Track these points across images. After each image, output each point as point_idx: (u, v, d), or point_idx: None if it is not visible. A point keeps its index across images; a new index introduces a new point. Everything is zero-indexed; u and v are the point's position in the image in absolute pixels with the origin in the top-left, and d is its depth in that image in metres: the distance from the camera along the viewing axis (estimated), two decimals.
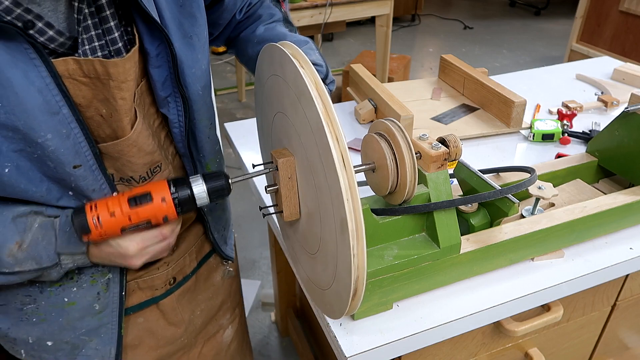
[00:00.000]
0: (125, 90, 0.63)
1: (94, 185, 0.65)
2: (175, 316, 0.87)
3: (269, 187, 0.69)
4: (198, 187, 0.66)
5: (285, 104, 0.62)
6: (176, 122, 0.72)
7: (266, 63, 0.66)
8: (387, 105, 1.17)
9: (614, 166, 0.96)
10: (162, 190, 0.65)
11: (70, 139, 0.60)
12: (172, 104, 0.70)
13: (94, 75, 0.60)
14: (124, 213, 0.63)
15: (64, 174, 0.62)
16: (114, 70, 0.61)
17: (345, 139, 0.54)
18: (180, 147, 0.76)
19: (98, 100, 0.62)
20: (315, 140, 0.55)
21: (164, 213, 0.65)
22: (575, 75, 1.54)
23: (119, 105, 0.63)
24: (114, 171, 0.69)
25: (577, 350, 1.03)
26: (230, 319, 1.02)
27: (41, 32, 0.56)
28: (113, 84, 0.61)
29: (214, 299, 0.96)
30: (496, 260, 0.79)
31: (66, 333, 0.75)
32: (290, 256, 0.83)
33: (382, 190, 0.69)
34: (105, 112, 0.63)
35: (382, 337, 0.70)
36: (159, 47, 0.65)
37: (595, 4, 3.05)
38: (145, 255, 0.69)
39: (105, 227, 0.62)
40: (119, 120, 0.64)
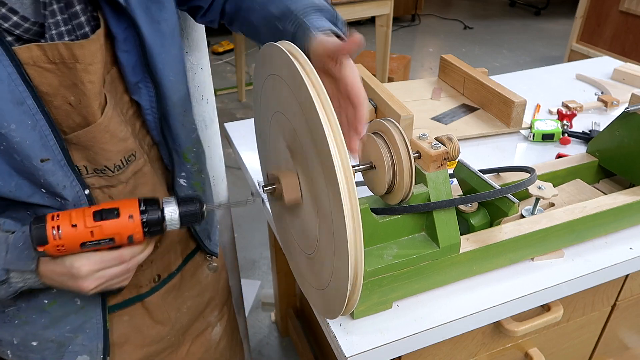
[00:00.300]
0: (92, 73, 0.61)
1: (65, 182, 0.63)
2: (161, 314, 0.87)
3: (266, 187, 0.68)
4: (170, 209, 0.63)
5: (283, 104, 0.62)
6: (148, 108, 0.71)
7: (265, 62, 0.66)
8: (387, 105, 1.17)
9: (614, 166, 0.96)
10: (131, 207, 0.62)
11: (36, 131, 0.58)
12: (143, 90, 0.69)
13: (59, 60, 0.59)
14: (86, 226, 0.59)
15: (31, 168, 0.60)
16: (80, 53, 0.59)
17: None
18: (155, 134, 0.74)
19: (65, 87, 0.61)
20: (314, 140, 0.55)
21: (130, 232, 0.61)
22: (575, 75, 1.54)
23: (87, 89, 0.61)
24: (87, 162, 0.67)
25: (577, 350, 1.03)
26: (218, 316, 1.01)
27: (5, 18, 0.55)
28: (80, 66, 0.60)
29: (200, 296, 0.95)
30: (496, 260, 0.79)
31: (50, 332, 0.74)
32: (287, 255, 0.83)
33: (379, 189, 0.69)
34: (73, 99, 0.61)
35: (382, 337, 0.70)
36: (126, 30, 0.64)
37: (595, 4, 3.05)
38: (98, 278, 0.64)
39: (64, 239, 0.59)
40: (88, 106, 0.63)
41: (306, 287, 0.75)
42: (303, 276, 0.75)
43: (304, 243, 0.69)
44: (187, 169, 0.83)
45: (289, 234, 0.77)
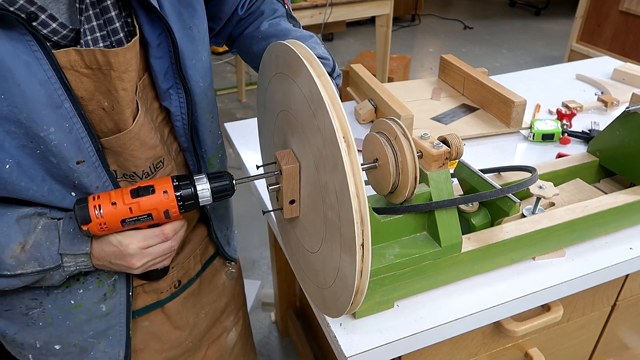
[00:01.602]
0: (126, 81, 0.62)
1: (98, 183, 0.65)
2: (180, 319, 0.87)
3: (271, 187, 0.68)
4: (202, 186, 0.65)
5: (289, 101, 0.62)
6: (178, 114, 0.72)
7: (271, 61, 0.66)
8: (387, 105, 1.17)
9: (615, 166, 0.96)
10: (165, 184, 0.65)
11: (73, 134, 0.60)
12: (174, 96, 0.70)
13: (95, 66, 0.60)
14: (125, 203, 0.63)
15: (67, 170, 0.61)
16: (115, 60, 0.60)
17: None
18: (183, 141, 0.75)
19: (100, 93, 0.62)
20: (323, 138, 0.55)
21: (166, 207, 0.64)
22: (575, 75, 1.54)
23: (121, 96, 0.63)
24: (117, 167, 0.69)
25: (577, 350, 1.03)
26: (234, 321, 1.02)
27: (44, 24, 0.56)
28: (114, 74, 0.61)
29: (218, 301, 0.96)
30: (497, 259, 0.79)
31: (74, 336, 0.75)
32: (288, 255, 0.83)
33: (383, 189, 0.69)
34: (107, 104, 0.63)
35: (382, 337, 0.70)
36: (160, 36, 0.65)
37: (595, 4, 3.05)
38: (146, 256, 0.68)
39: (106, 217, 0.62)
40: (120, 113, 0.64)
41: (307, 285, 0.75)
42: (305, 274, 0.75)
43: (307, 241, 0.69)
44: None
45: (291, 232, 0.77)
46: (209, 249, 0.92)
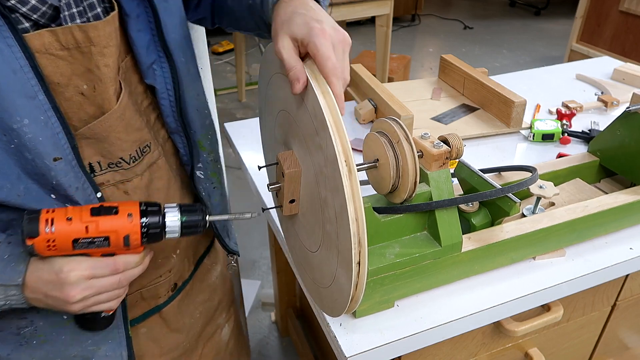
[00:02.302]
0: (108, 56, 0.59)
1: (77, 183, 0.60)
2: (177, 322, 0.86)
3: (271, 186, 0.68)
4: (172, 216, 0.60)
5: (289, 102, 0.62)
6: (164, 91, 0.69)
7: (271, 60, 0.66)
8: (387, 105, 1.17)
9: (615, 166, 0.96)
10: (131, 207, 0.59)
11: (49, 128, 0.55)
12: (158, 72, 0.67)
13: (72, 46, 0.56)
14: (82, 221, 0.56)
15: (43, 167, 0.57)
16: (95, 34, 0.57)
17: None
18: (171, 121, 0.72)
19: (77, 76, 0.58)
20: (319, 138, 0.55)
21: (127, 231, 0.58)
22: (575, 75, 1.54)
23: (103, 73, 0.59)
24: (101, 157, 0.64)
25: (577, 350, 1.03)
26: (226, 318, 1.02)
27: (23, 2, 0.53)
28: (95, 49, 0.57)
29: (210, 300, 0.95)
30: (497, 259, 0.79)
31: (72, 348, 0.71)
32: (288, 249, 0.83)
33: (383, 188, 0.69)
34: (86, 87, 0.59)
35: (382, 337, 0.70)
36: (139, 7, 0.63)
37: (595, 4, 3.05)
38: (88, 288, 0.59)
39: (56, 233, 0.55)
40: (104, 92, 0.60)
41: (307, 284, 0.75)
42: (305, 273, 0.75)
43: (307, 240, 0.69)
44: (204, 159, 0.81)
45: (292, 231, 0.77)
46: (199, 248, 0.91)
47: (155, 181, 0.72)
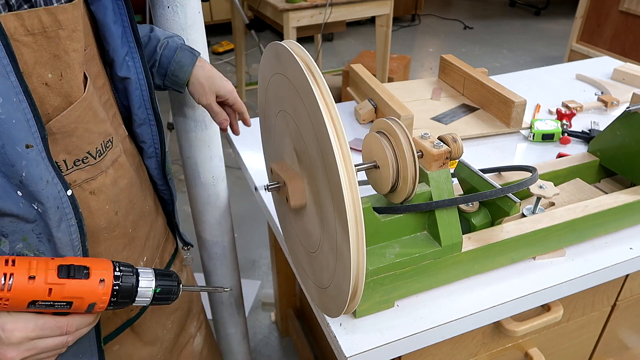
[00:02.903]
0: (76, 41, 0.57)
1: (47, 175, 0.54)
2: (150, 334, 0.84)
3: (270, 186, 0.68)
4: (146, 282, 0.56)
5: (288, 103, 0.62)
6: (136, 82, 0.69)
7: (271, 60, 0.66)
8: (387, 105, 1.17)
9: (615, 166, 0.96)
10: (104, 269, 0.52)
11: (21, 112, 0.51)
12: (130, 63, 0.68)
13: (38, 31, 0.53)
14: (47, 282, 0.49)
15: (14, 155, 0.51)
16: (64, 17, 0.54)
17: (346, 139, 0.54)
18: (142, 112, 0.72)
19: (41, 64, 0.54)
20: (317, 139, 0.55)
21: (95, 299, 0.52)
22: (575, 75, 1.54)
23: (72, 59, 0.56)
24: (67, 155, 0.60)
25: (577, 350, 1.03)
26: (197, 326, 1.01)
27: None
28: (63, 33, 0.55)
29: (180, 309, 0.93)
30: (497, 259, 0.79)
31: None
32: (289, 253, 0.83)
33: (383, 188, 0.69)
34: (52, 76, 0.55)
35: (382, 337, 0.70)
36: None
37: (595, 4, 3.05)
38: (30, 349, 0.53)
39: (13, 292, 0.48)
40: (72, 79, 0.57)
41: (307, 284, 0.75)
42: (304, 273, 0.75)
43: (306, 241, 0.69)
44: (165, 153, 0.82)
45: (291, 231, 0.77)
46: (164, 256, 0.89)
47: (118, 180, 0.69)
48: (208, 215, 1.13)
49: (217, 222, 1.15)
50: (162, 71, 0.85)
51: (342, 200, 0.52)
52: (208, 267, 1.21)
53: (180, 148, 1.07)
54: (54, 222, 0.56)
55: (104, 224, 0.67)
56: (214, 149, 1.07)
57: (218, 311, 1.28)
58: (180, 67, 0.84)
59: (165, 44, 0.84)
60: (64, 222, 0.57)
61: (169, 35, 0.86)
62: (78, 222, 0.59)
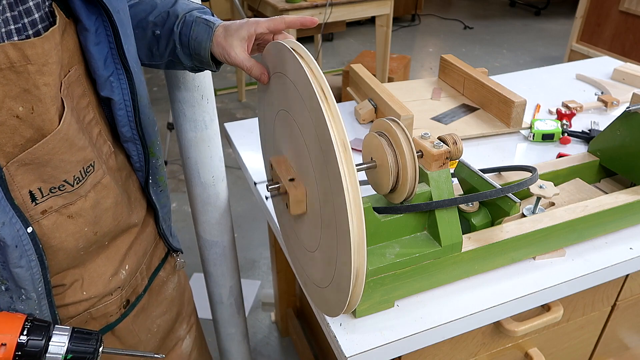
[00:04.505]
0: (47, 75, 0.56)
1: (3, 217, 0.55)
2: (132, 339, 0.83)
3: (270, 186, 0.68)
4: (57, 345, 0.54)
5: (288, 102, 0.62)
6: (121, 102, 0.67)
7: (270, 60, 0.66)
8: (387, 105, 1.17)
9: (615, 166, 0.96)
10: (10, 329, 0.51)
11: None
12: (115, 83, 0.66)
13: (5, 66, 0.52)
14: None
15: None
16: (32, 52, 0.53)
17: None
18: (127, 130, 0.70)
19: (11, 98, 0.54)
20: (318, 138, 0.55)
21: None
22: (575, 75, 1.54)
23: (43, 93, 0.56)
24: (42, 183, 0.60)
25: (577, 350, 1.03)
26: (187, 329, 0.99)
27: None
28: (32, 68, 0.54)
29: (168, 312, 0.92)
30: (497, 259, 0.79)
31: None
32: (288, 253, 0.83)
33: (382, 188, 0.69)
34: (22, 109, 0.54)
35: (382, 337, 0.70)
36: (97, 21, 0.61)
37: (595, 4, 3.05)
38: None
39: None
40: (44, 112, 0.56)
41: (307, 284, 0.75)
42: (304, 272, 0.75)
43: (306, 240, 0.69)
44: (153, 164, 0.80)
45: (291, 230, 0.77)
46: (153, 261, 0.87)
47: (101, 201, 0.69)
48: (208, 215, 1.13)
49: (217, 222, 1.15)
50: (186, 51, 0.77)
51: (343, 199, 0.52)
52: (208, 267, 1.21)
53: (180, 148, 1.07)
54: (13, 257, 0.56)
55: (82, 245, 0.67)
56: (214, 149, 1.07)
57: (218, 311, 1.28)
58: (199, 44, 0.74)
59: (183, 20, 0.75)
60: (24, 258, 0.58)
61: (190, 8, 0.77)
62: (39, 257, 0.59)
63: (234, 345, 1.35)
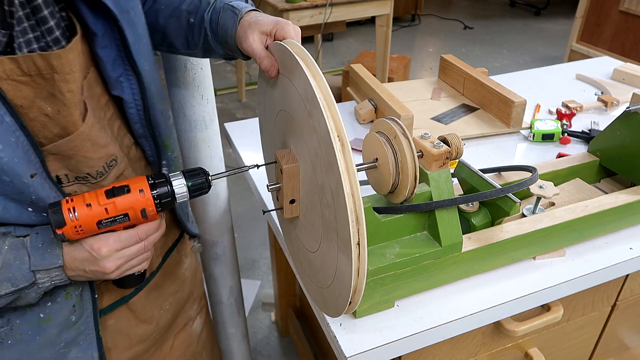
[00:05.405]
0: (72, 82, 0.60)
1: (52, 194, 0.63)
2: (145, 313, 0.86)
3: (271, 186, 0.68)
4: (178, 183, 0.65)
5: (286, 100, 0.62)
6: (132, 102, 0.70)
7: None
8: (387, 105, 1.17)
9: (615, 166, 0.96)
10: (140, 183, 0.64)
11: (19, 147, 0.57)
12: (125, 84, 0.69)
13: (34, 72, 0.57)
14: (100, 204, 0.61)
15: (22, 186, 0.59)
16: (58, 63, 0.58)
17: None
18: (138, 127, 0.74)
19: (41, 99, 0.59)
20: (319, 138, 0.55)
21: (142, 206, 0.63)
22: (575, 75, 1.54)
23: (67, 98, 0.61)
24: (68, 171, 0.66)
25: (577, 350, 1.03)
26: (197, 310, 1.03)
27: None
28: (58, 77, 0.59)
29: (180, 291, 0.96)
30: (497, 259, 0.79)
31: (45, 350, 0.72)
32: (289, 253, 0.83)
33: (383, 188, 0.69)
34: (50, 110, 0.60)
35: (382, 337, 0.70)
36: (104, 25, 0.63)
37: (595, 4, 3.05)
38: (120, 258, 0.66)
39: (81, 219, 0.60)
40: (68, 115, 0.62)
41: (307, 284, 0.75)
42: (305, 272, 0.75)
43: (307, 240, 0.69)
44: (168, 157, 0.84)
45: (292, 231, 0.77)
46: (167, 241, 0.92)
47: None
48: (208, 215, 1.13)
49: (217, 222, 1.15)
50: (217, 38, 0.76)
51: (344, 199, 0.52)
52: (208, 267, 1.21)
53: (180, 148, 1.07)
54: None
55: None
56: (214, 149, 1.07)
57: (218, 311, 1.28)
58: (225, 32, 0.74)
59: (213, 7, 0.75)
60: None
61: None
62: None
63: (234, 345, 1.35)
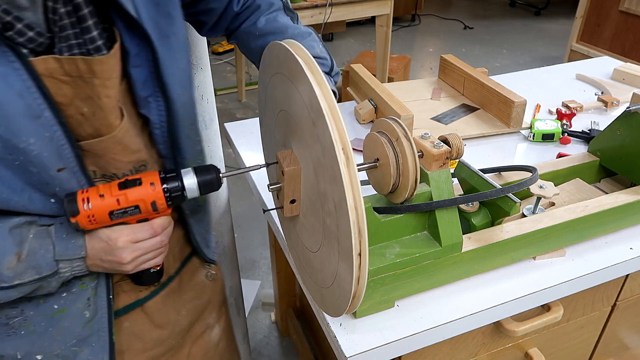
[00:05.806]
0: (110, 88, 0.62)
1: (78, 187, 0.65)
2: (160, 318, 0.86)
3: (271, 186, 0.68)
4: (189, 179, 0.66)
5: (289, 102, 0.62)
6: (157, 123, 0.71)
7: (272, 60, 0.66)
8: (387, 105, 1.17)
9: (615, 166, 0.96)
10: (152, 176, 0.66)
11: (53, 142, 0.59)
12: (152, 104, 0.69)
13: (75, 74, 0.59)
14: (113, 195, 0.63)
15: (47, 178, 0.61)
16: (99, 68, 0.60)
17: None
18: (162, 148, 0.74)
19: (79, 99, 0.61)
20: (322, 148, 0.55)
21: (153, 199, 0.65)
22: (575, 75, 1.54)
23: (104, 103, 0.62)
24: (97, 168, 0.68)
25: (577, 350, 1.03)
26: (216, 318, 1.01)
27: (20, 33, 0.55)
28: (98, 82, 0.60)
29: (198, 298, 0.94)
30: (497, 259, 0.79)
31: (56, 345, 0.73)
32: (289, 250, 0.83)
33: (383, 188, 0.69)
34: (86, 110, 0.62)
35: (382, 337, 0.70)
36: (139, 45, 0.64)
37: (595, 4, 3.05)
38: (136, 250, 0.68)
39: (94, 209, 0.63)
40: (103, 119, 0.63)
41: (308, 283, 0.75)
42: (305, 272, 0.75)
43: (307, 240, 0.69)
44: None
45: (292, 230, 0.77)
46: (186, 247, 0.91)
47: None
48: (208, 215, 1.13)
49: (217, 222, 1.15)
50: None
51: (347, 212, 0.52)
52: None
53: None
54: None
55: None
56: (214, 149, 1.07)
57: None
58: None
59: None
60: None
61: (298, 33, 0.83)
62: None
63: None
